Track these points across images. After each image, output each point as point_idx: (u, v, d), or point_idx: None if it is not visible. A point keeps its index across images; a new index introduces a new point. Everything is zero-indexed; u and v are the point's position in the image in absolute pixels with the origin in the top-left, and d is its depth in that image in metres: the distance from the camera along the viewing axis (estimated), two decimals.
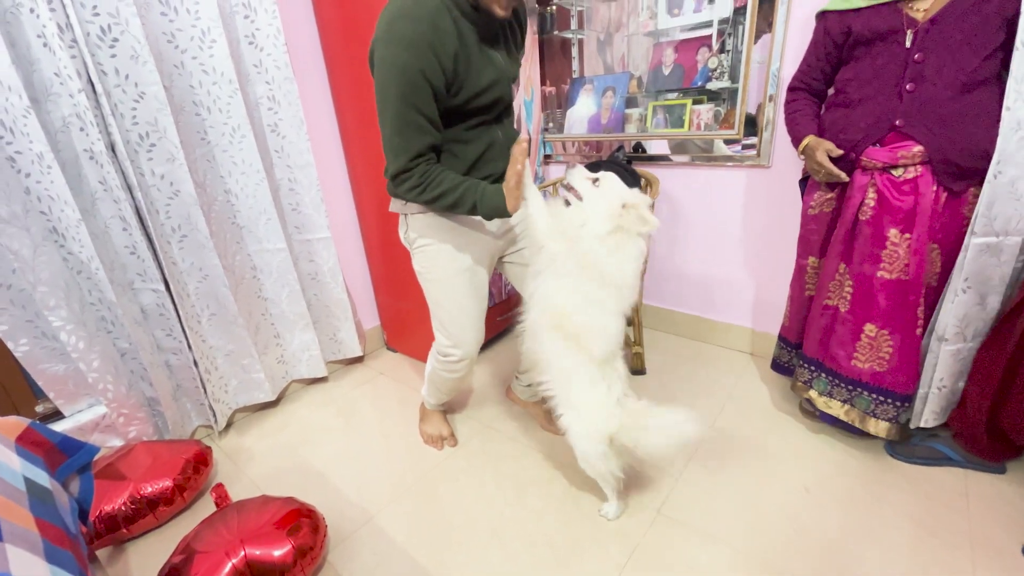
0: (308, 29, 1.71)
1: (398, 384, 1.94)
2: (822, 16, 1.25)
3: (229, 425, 1.72)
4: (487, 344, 2.13)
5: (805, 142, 1.27)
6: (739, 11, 1.55)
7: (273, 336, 1.79)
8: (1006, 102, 1.04)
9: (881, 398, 1.27)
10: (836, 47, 1.23)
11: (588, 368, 1.10)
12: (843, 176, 1.21)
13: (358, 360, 2.11)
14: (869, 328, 1.25)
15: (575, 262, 1.03)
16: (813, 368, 1.40)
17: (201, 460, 1.42)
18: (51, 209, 1.23)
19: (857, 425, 1.32)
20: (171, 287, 1.44)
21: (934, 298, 1.23)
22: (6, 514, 0.67)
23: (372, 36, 0.95)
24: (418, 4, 0.92)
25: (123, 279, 1.40)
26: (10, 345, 1.26)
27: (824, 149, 1.22)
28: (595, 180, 1.06)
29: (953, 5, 1.05)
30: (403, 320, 2.06)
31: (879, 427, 1.29)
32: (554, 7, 1.96)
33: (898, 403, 1.26)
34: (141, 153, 1.35)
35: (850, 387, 1.31)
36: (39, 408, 1.47)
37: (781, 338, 1.57)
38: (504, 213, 1.01)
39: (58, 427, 1.36)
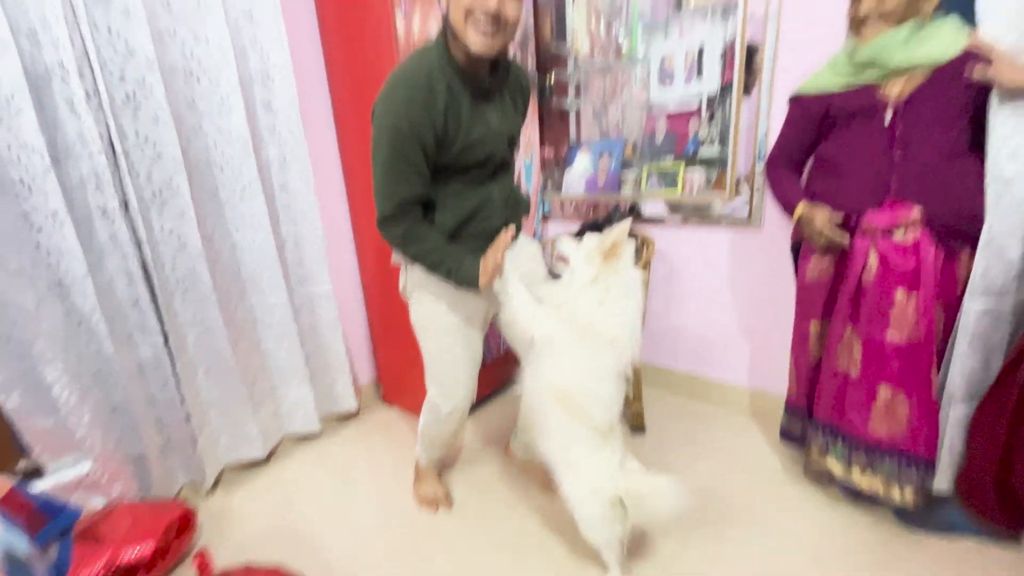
0: (321, 92, 1.81)
1: (392, 441, 1.90)
2: (797, 99, 1.33)
3: (216, 483, 1.66)
4: (484, 400, 2.11)
5: (800, 210, 1.30)
6: (726, 88, 1.66)
7: (269, 389, 1.77)
8: (990, 168, 1.09)
9: (904, 463, 1.22)
10: (815, 124, 1.30)
11: (589, 435, 1.09)
12: (846, 241, 1.23)
13: (353, 415, 2.07)
14: (883, 390, 1.22)
15: (570, 327, 1.05)
16: (828, 434, 1.35)
17: (185, 523, 1.36)
18: (59, 263, 1.25)
19: (881, 494, 1.25)
20: (170, 340, 1.44)
21: (939, 359, 1.23)
22: None
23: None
24: (416, 69, 1.03)
25: (123, 332, 1.40)
26: (1, 398, 1.24)
27: (822, 216, 1.24)
28: (579, 242, 1.12)
29: (922, 89, 1.13)
30: (401, 373, 2.04)
31: (905, 496, 1.23)
32: (552, 78, 2.09)
33: (922, 468, 1.21)
34: (153, 209, 1.39)
35: (869, 452, 1.26)
36: (21, 464, 1.42)
37: (789, 408, 1.51)
38: (475, 286, 1.11)
39: (40, 484, 1.31)
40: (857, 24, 1.17)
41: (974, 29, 1.10)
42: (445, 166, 1.10)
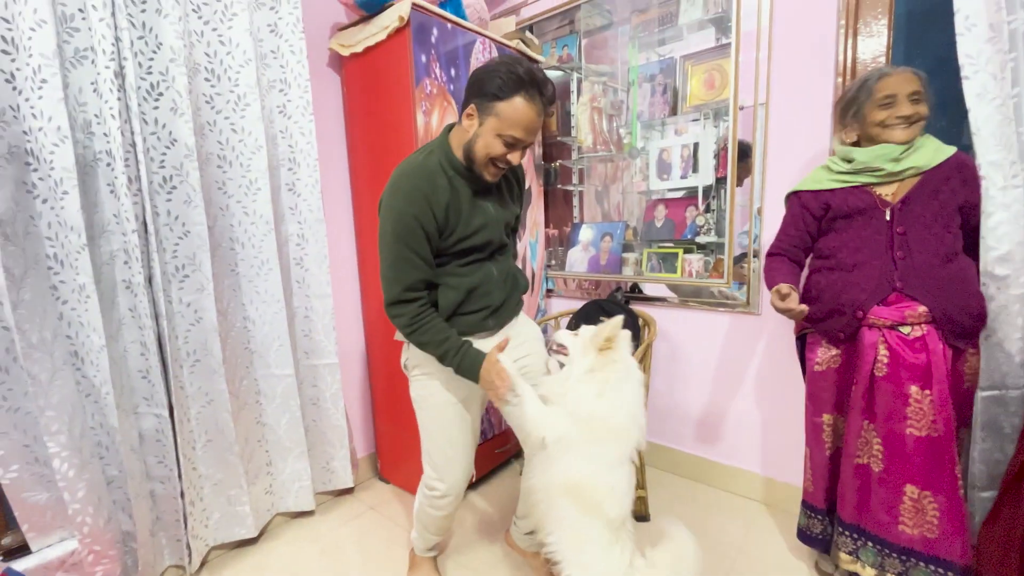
0: (342, 177, 1.94)
1: (387, 521, 1.83)
2: (795, 195, 1.39)
3: (203, 565, 1.59)
4: (482, 479, 2.05)
5: (774, 288, 1.28)
6: (720, 180, 1.78)
7: (265, 464, 1.74)
8: (983, 268, 1.19)
9: (940, 570, 1.17)
10: (815, 219, 1.35)
11: (602, 530, 1.06)
12: (797, 309, 1.22)
13: (348, 491, 2.01)
14: (910, 490, 1.20)
15: (577, 423, 1.06)
16: (856, 536, 1.30)
17: None
18: (78, 335, 1.29)
19: None
20: (175, 412, 1.44)
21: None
22: None
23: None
24: (421, 165, 1.13)
25: (129, 403, 1.40)
26: None
27: (774, 292, 1.26)
28: (576, 333, 1.15)
29: (916, 190, 1.21)
30: (399, 449, 2.01)
31: None
32: (558, 165, 2.24)
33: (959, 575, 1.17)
34: (174, 283, 1.44)
35: (903, 557, 1.22)
36: (6, 540, 1.38)
37: (806, 505, 1.44)
38: (475, 380, 1.16)
39: (21, 564, 1.26)
40: (885, 127, 1.21)
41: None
42: (446, 251, 1.17)
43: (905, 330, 1.21)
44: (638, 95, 1.95)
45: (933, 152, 1.20)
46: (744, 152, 1.71)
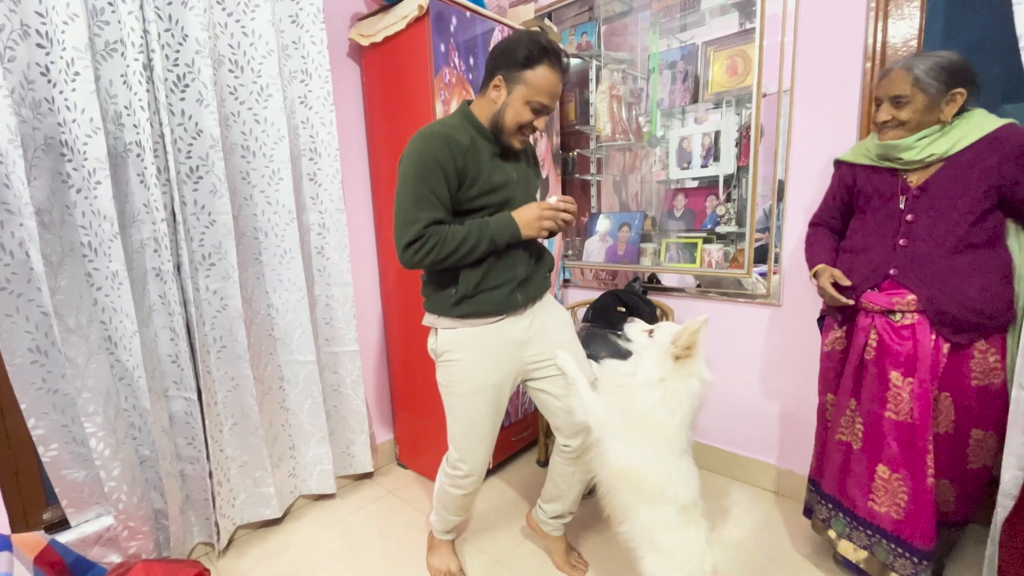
0: (361, 166, 1.96)
1: (406, 505, 1.87)
2: (838, 164, 1.39)
3: (230, 543, 1.65)
4: (500, 465, 2.08)
5: (815, 269, 1.36)
6: (742, 168, 1.75)
7: (288, 448, 1.79)
8: (1018, 264, 1.14)
9: (900, 550, 1.21)
10: (848, 192, 1.36)
11: (671, 514, 1.06)
12: (842, 299, 1.27)
13: (367, 476, 2.05)
14: (882, 470, 1.24)
15: (623, 418, 1.06)
16: (831, 506, 1.37)
17: None
18: (111, 320, 1.34)
19: None
20: (203, 396, 1.49)
21: (948, 448, 1.21)
22: None
23: None
24: (441, 122, 1.19)
25: (160, 387, 1.46)
26: (40, 449, 1.28)
27: (829, 275, 1.30)
28: (651, 331, 1.13)
29: (938, 175, 1.17)
30: (418, 436, 2.05)
31: None
32: (575, 154, 2.22)
33: (916, 559, 1.18)
34: (201, 271, 1.48)
35: (868, 531, 1.27)
36: (46, 515, 1.45)
37: (811, 481, 1.50)
38: (517, 231, 1.16)
39: (62, 538, 1.32)
40: (878, 127, 1.24)
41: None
42: (467, 204, 1.18)
43: (896, 317, 1.22)
44: (658, 83, 1.92)
45: (961, 135, 1.14)
46: (767, 144, 1.68)
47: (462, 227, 1.14)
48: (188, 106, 1.40)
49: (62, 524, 1.39)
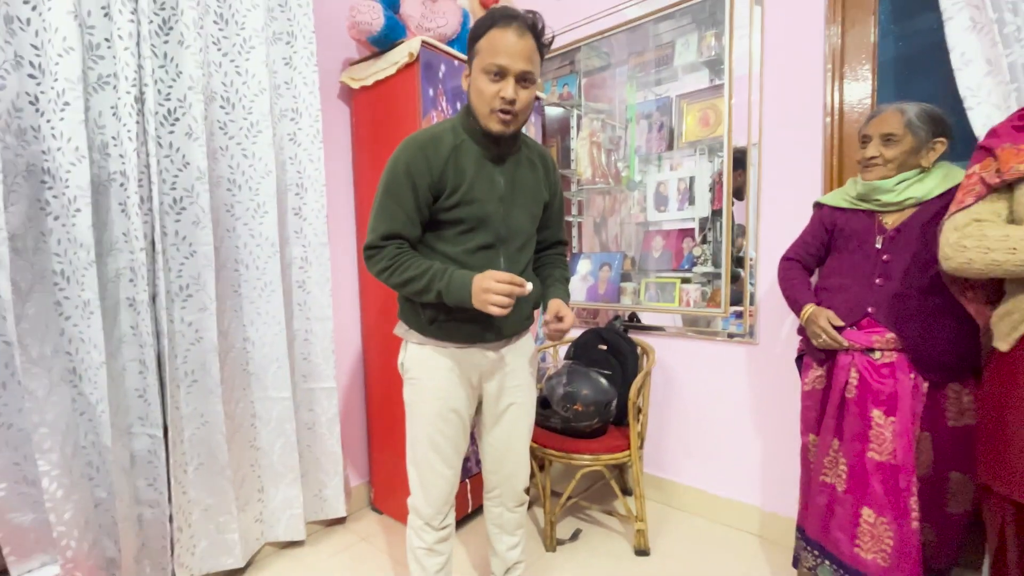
0: (346, 202, 1.98)
1: (380, 553, 1.78)
2: (819, 206, 1.45)
3: None
4: (476, 512, 2.01)
5: (807, 310, 1.36)
6: (716, 212, 1.83)
7: (257, 491, 1.70)
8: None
9: None
10: (826, 232, 1.41)
11: None
12: (844, 342, 1.27)
13: (339, 521, 1.95)
14: (867, 513, 1.22)
15: None
16: (816, 553, 1.33)
17: None
18: (78, 351, 1.29)
19: None
20: (169, 433, 1.42)
21: (929, 490, 1.22)
22: None
23: None
24: (435, 124, 1.14)
25: (123, 423, 1.39)
26: None
27: (826, 316, 1.30)
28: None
29: (912, 219, 1.24)
30: (393, 478, 1.97)
31: None
32: None
33: None
34: (177, 302, 1.45)
35: None
36: None
37: (798, 529, 1.44)
38: (468, 297, 1.03)
39: None
40: (862, 164, 1.29)
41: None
42: (445, 212, 1.11)
43: (875, 355, 1.25)
44: (636, 131, 2.03)
45: (936, 183, 1.21)
46: (738, 191, 1.77)
47: (420, 264, 1.08)
48: (177, 139, 1.42)
49: (2, 574, 1.28)
